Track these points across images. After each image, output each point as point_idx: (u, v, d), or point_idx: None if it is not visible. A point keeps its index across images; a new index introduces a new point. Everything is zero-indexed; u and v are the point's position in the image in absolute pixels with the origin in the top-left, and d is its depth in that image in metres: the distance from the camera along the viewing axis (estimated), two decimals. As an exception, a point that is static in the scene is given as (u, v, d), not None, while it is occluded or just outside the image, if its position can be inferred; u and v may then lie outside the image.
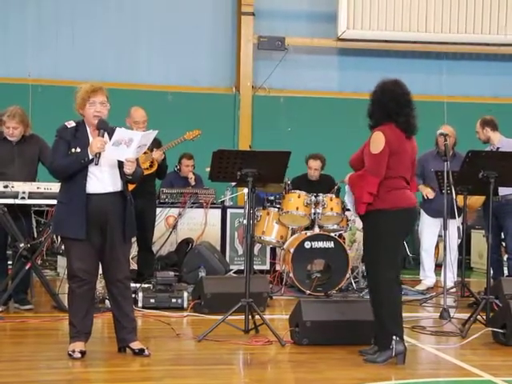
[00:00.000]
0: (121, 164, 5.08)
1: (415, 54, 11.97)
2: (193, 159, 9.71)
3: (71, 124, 5.13)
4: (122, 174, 5.08)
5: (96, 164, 4.99)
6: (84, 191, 5.02)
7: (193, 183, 9.66)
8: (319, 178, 9.25)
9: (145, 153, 7.67)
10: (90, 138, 5.10)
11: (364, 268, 5.40)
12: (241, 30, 11.57)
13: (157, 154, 7.71)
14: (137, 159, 5.17)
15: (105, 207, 5.06)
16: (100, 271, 5.32)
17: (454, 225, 7.07)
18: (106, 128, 5.07)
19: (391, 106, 5.23)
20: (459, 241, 7.62)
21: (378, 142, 5.16)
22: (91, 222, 5.03)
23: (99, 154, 4.98)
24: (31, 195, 6.53)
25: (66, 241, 5.19)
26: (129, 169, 5.02)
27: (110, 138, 5.04)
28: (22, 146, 6.82)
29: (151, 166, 7.77)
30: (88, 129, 5.14)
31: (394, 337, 5.12)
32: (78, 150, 5.03)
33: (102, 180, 5.07)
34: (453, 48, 11.87)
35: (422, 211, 8.59)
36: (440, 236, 8.31)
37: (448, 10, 11.52)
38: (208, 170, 6.20)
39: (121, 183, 5.11)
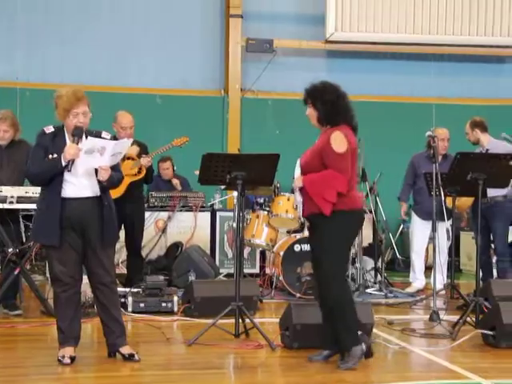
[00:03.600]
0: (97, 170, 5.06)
1: (403, 56, 11.98)
2: (169, 161, 9.68)
3: (50, 129, 5.12)
4: (98, 180, 5.06)
5: (69, 171, 4.98)
6: (59, 197, 5.01)
7: (179, 188, 9.64)
8: None
9: (133, 159, 7.72)
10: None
11: (318, 272, 5.20)
12: (229, 32, 11.56)
13: (145, 161, 7.71)
14: (117, 164, 5.16)
15: (82, 212, 5.04)
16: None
17: (444, 227, 7.09)
18: (81, 135, 5.03)
19: (343, 107, 5.21)
20: (449, 243, 7.63)
21: (340, 140, 5.09)
22: (69, 227, 5.02)
23: (72, 160, 4.96)
24: (20, 200, 6.50)
25: (45, 247, 5.20)
26: (102, 176, 5.01)
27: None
28: (11, 151, 6.79)
29: (139, 173, 7.77)
30: (67, 135, 5.11)
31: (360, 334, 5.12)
32: (56, 155, 5.00)
33: (78, 185, 5.05)
34: (441, 50, 11.88)
35: (412, 213, 8.64)
36: (430, 238, 8.32)
37: (436, 11, 11.53)
38: (197, 173, 6.19)
39: (99, 188, 5.09)
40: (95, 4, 11.33)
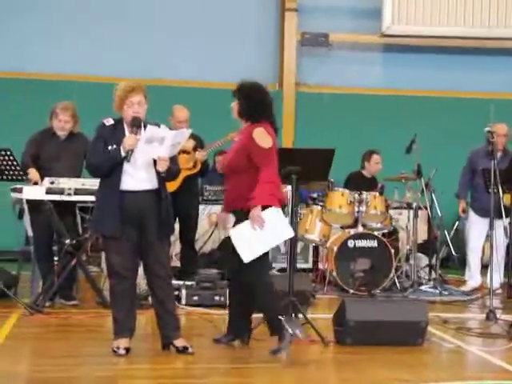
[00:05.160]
0: (156, 162, 5.09)
1: (461, 50, 11.76)
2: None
3: (109, 122, 5.16)
4: (157, 172, 5.09)
5: (128, 161, 5.01)
6: (118, 189, 5.05)
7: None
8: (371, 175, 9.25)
9: (188, 153, 7.75)
10: None
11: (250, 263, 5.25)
12: (284, 26, 11.53)
13: (200, 155, 7.75)
14: (174, 157, 5.17)
15: (140, 205, 5.08)
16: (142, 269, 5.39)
17: (501, 224, 6.96)
18: (139, 125, 5.07)
19: (266, 105, 5.37)
20: (507, 241, 7.49)
21: (265, 136, 5.25)
22: (127, 220, 5.06)
23: (131, 151, 5.00)
24: (77, 191, 6.59)
25: (104, 238, 5.25)
26: (162, 167, 5.03)
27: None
28: (70, 143, 6.89)
29: (194, 166, 7.80)
30: (126, 127, 5.15)
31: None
32: (115, 147, 5.05)
33: (137, 177, 5.09)
34: (500, 43, 11.63)
35: (469, 210, 8.49)
36: (487, 236, 8.18)
37: (495, 4, 11.31)
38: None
39: (157, 181, 5.12)
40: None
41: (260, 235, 5.12)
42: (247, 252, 5.14)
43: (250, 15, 11.64)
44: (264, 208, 5.14)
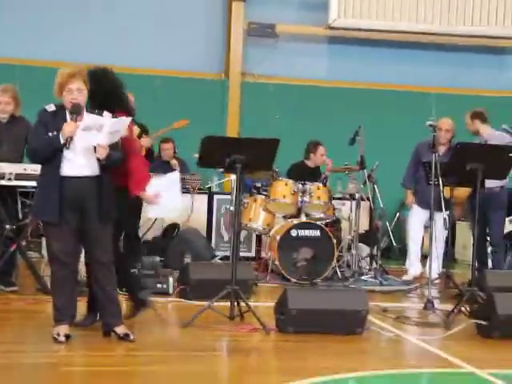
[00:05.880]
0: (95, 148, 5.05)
1: (406, 45, 11.91)
2: (172, 142, 9.65)
3: (51, 108, 5.12)
4: (98, 159, 5.06)
5: (67, 148, 4.97)
6: (58, 175, 5.01)
7: (177, 168, 9.61)
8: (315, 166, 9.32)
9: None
10: None
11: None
12: (231, 15, 11.50)
13: (144, 141, 7.69)
14: (116, 144, 5.13)
15: (81, 190, 5.05)
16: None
17: (441, 217, 7.10)
18: (79, 112, 5.03)
19: (120, 94, 5.56)
20: (446, 232, 7.63)
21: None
22: (67, 205, 5.03)
23: (70, 138, 4.96)
24: (18, 176, 6.49)
25: (44, 224, 5.21)
26: (100, 154, 5.00)
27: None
28: (11, 126, 6.78)
29: None
30: (67, 113, 5.10)
31: None
32: (55, 133, 5.01)
33: (77, 164, 5.05)
34: (444, 39, 11.80)
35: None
36: (426, 227, 8.34)
37: (440, 1, 11.50)
38: (196, 156, 6.18)
39: (98, 167, 5.09)
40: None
41: (165, 197, 5.66)
42: (171, 213, 6.15)
43: (198, 4, 11.58)
44: None
